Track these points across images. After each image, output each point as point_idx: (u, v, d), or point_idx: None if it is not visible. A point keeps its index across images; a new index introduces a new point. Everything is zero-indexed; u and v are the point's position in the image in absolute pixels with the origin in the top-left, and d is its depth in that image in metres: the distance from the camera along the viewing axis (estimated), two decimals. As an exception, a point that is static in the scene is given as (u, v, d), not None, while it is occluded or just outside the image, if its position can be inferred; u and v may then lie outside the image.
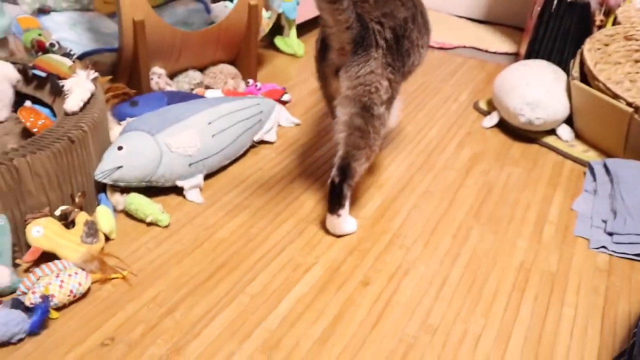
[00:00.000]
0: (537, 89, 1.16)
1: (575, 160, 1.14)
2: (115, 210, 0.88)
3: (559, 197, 1.02)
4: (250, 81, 1.21)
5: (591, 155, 1.15)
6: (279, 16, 1.45)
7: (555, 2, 1.32)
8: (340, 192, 0.84)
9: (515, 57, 1.66)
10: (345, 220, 0.87)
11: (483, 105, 1.32)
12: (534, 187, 1.04)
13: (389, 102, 0.85)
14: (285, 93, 1.18)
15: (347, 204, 0.85)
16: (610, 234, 0.92)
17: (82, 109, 0.87)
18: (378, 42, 0.82)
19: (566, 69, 1.29)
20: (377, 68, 0.81)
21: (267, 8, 1.34)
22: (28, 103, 0.95)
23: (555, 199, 1.01)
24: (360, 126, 0.82)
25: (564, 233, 0.93)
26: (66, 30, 1.22)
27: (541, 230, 0.93)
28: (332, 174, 0.84)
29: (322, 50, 0.85)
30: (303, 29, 1.65)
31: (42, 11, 1.23)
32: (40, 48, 1.07)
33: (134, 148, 0.87)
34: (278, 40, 1.53)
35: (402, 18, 0.88)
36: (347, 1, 0.77)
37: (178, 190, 0.93)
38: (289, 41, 1.52)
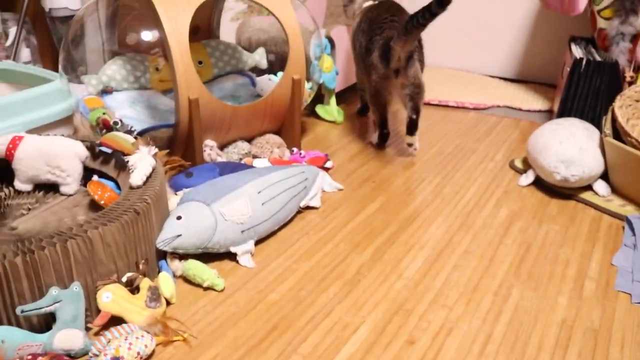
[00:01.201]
0: (571, 147, 1.20)
1: (613, 215, 1.17)
2: (174, 275, 0.95)
3: (598, 253, 1.04)
4: (295, 149, 1.29)
5: (629, 210, 1.17)
6: (319, 86, 1.54)
7: (584, 62, 1.38)
8: (417, 122, 1.36)
9: (549, 114, 1.71)
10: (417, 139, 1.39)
11: (519, 163, 1.36)
12: (573, 243, 1.07)
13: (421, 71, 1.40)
14: (328, 160, 1.25)
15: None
16: (651, 289, 0.94)
17: (145, 182, 0.95)
18: (416, 48, 1.33)
19: (599, 126, 1.33)
20: (417, 65, 1.35)
21: (309, 79, 1.44)
22: (95, 177, 1.05)
23: (595, 255, 1.04)
24: (417, 90, 1.35)
25: (605, 288, 0.95)
26: (126, 107, 1.33)
27: (582, 286, 0.96)
28: (408, 114, 1.35)
29: (385, 60, 1.32)
30: (342, 96, 1.74)
31: (105, 92, 1.35)
32: (105, 126, 1.18)
33: (191, 217, 0.95)
34: (319, 108, 1.62)
35: None
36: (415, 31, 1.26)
37: (231, 256, 1.00)
38: (329, 109, 1.60)
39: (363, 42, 1.39)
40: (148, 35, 1.38)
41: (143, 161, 0.97)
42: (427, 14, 1.24)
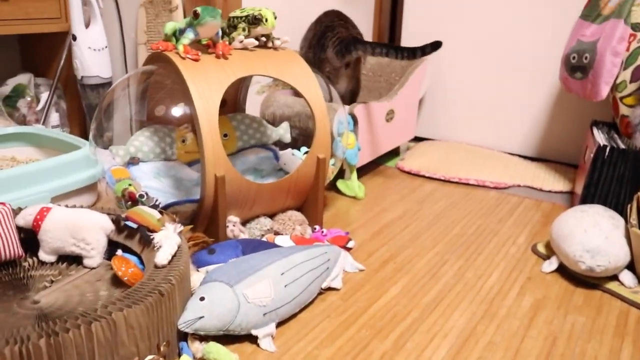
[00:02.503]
0: (596, 236, 1.19)
1: (640, 308, 1.14)
2: (194, 358, 0.94)
3: (627, 349, 1.02)
4: (317, 227, 1.29)
5: (656, 303, 1.15)
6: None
7: (607, 149, 1.38)
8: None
9: (570, 195, 1.71)
10: None
11: (541, 248, 1.35)
12: (600, 337, 1.05)
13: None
14: (350, 240, 1.25)
15: None
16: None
17: (170, 262, 0.95)
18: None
19: (623, 213, 1.32)
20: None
21: (332, 156, 1.45)
22: (120, 252, 1.05)
23: (624, 351, 1.01)
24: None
25: (634, 389, 0.92)
26: (151, 179, 1.34)
27: (611, 386, 0.93)
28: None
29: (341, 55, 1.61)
30: (362, 171, 1.76)
31: (132, 162, 1.37)
32: (131, 199, 1.19)
33: (214, 299, 0.94)
34: (340, 184, 1.63)
35: None
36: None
37: (252, 339, 0.99)
38: (351, 184, 1.61)
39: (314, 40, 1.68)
40: (178, 111, 1.41)
41: (169, 239, 0.98)
42: (418, 53, 1.54)
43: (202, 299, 0.94)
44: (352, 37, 1.63)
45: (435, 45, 1.50)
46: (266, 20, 1.26)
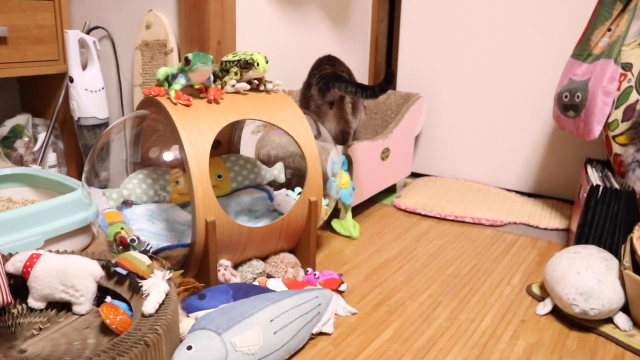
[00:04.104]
0: (590, 278, 1.18)
1: (636, 352, 1.13)
2: (181, 408, 0.92)
3: (621, 396, 1.00)
4: (309, 270, 1.28)
5: (652, 347, 1.13)
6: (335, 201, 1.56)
7: (600, 189, 1.38)
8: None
9: (566, 232, 1.70)
10: None
11: (536, 289, 1.34)
12: (594, 383, 1.03)
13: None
14: (342, 283, 1.24)
15: None
16: None
17: (157, 310, 0.95)
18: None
19: (617, 253, 1.31)
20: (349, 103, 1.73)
21: (325, 196, 1.45)
22: (109, 299, 1.04)
23: (618, 398, 1.00)
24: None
25: None
26: (144, 221, 1.35)
27: None
28: None
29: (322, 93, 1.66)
30: (358, 209, 1.76)
31: (125, 205, 1.38)
32: (122, 244, 1.19)
33: (201, 348, 0.93)
34: (335, 223, 1.63)
35: None
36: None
37: (240, 387, 0.97)
38: (345, 224, 1.61)
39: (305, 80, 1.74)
40: (171, 155, 1.42)
41: (157, 287, 0.97)
42: (377, 91, 1.53)
43: (189, 348, 0.93)
44: (333, 74, 1.65)
45: (389, 79, 1.52)
46: (258, 64, 1.28)
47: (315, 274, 1.27)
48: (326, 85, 1.62)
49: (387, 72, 1.54)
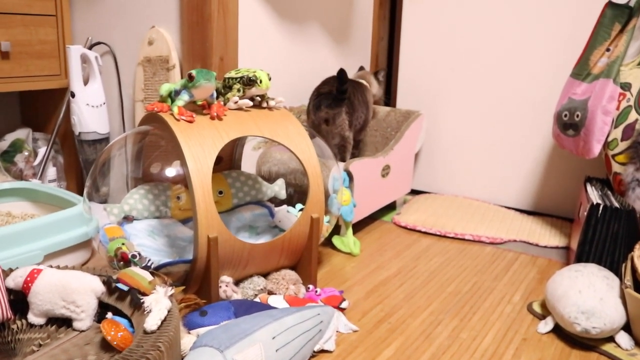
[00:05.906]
0: (591, 297, 1.18)
1: (637, 371, 1.13)
2: None
3: (624, 416, 1.00)
4: (311, 286, 1.28)
5: (654, 367, 1.13)
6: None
7: (600, 207, 1.39)
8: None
9: (566, 250, 1.70)
10: None
11: (537, 308, 1.34)
12: (597, 403, 1.03)
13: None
14: (344, 300, 1.24)
15: None
16: None
17: (159, 327, 0.94)
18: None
19: (617, 271, 1.31)
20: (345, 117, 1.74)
21: (327, 213, 1.45)
22: (110, 315, 1.04)
23: (621, 419, 0.99)
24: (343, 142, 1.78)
25: None
26: (145, 237, 1.34)
27: None
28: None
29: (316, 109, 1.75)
30: (358, 225, 1.75)
31: (126, 220, 1.37)
32: (124, 259, 1.19)
33: (203, 365, 0.93)
34: (335, 239, 1.63)
35: None
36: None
37: (242, 406, 0.97)
38: (346, 241, 1.61)
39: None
40: (173, 171, 1.42)
41: (159, 304, 0.97)
42: (340, 98, 1.67)
43: (191, 365, 0.93)
44: (327, 93, 1.73)
45: (341, 78, 1.67)
46: (260, 81, 1.29)
47: (316, 291, 1.26)
48: (319, 102, 1.71)
49: (338, 72, 1.68)
